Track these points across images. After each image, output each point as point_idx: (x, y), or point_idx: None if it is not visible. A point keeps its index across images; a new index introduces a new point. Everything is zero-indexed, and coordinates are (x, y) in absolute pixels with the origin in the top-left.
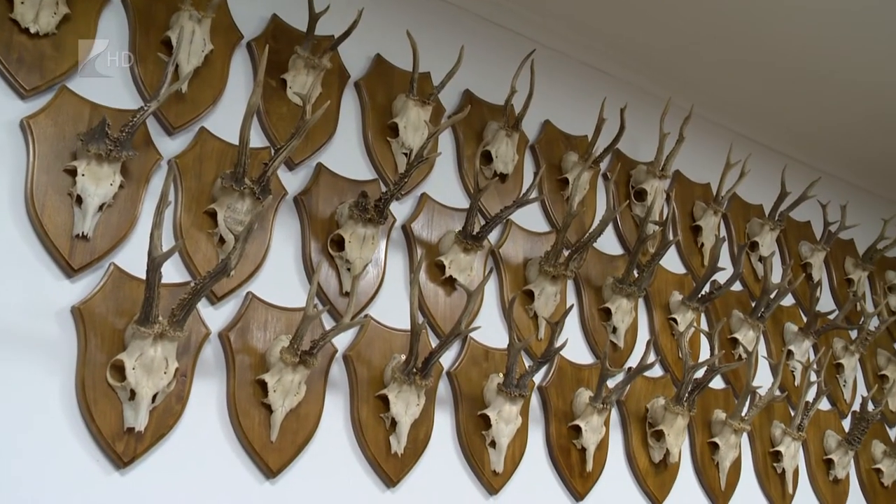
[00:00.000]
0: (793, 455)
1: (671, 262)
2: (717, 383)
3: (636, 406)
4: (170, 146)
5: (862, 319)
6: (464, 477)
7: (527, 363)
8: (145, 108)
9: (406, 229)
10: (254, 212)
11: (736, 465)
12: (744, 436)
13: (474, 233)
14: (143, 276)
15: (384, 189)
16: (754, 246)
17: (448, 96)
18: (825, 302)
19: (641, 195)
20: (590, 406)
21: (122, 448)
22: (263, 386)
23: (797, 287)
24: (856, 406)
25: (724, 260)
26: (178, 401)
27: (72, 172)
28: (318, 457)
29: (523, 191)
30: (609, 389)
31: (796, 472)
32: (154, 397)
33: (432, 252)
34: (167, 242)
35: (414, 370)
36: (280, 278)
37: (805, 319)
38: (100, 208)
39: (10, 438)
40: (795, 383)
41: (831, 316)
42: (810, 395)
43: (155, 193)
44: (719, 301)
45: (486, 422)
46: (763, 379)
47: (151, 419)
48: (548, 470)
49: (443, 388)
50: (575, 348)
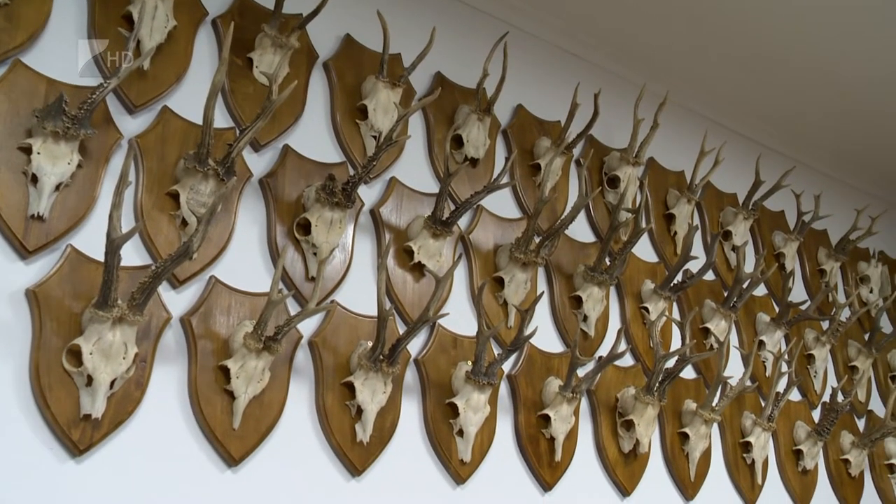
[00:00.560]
0: (763, 446)
1: (643, 251)
2: (688, 373)
3: (606, 395)
4: (131, 125)
5: (834, 310)
6: (430, 466)
7: (496, 351)
8: (105, 85)
9: (374, 214)
10: (218, 193)
11: (706, 456)
12: (714, 426)
13: (444, 218)
14: (102, 259)
15: (352, 172)
16: (727, 235)
17: (419, 78)
18: (797, 292)
19: (614, 182)
20: (559, 395)
21: (78, 435)
22: (226, 372)
23: (770, 277)
24: (826, 397)
25: (697, 249)
26: (138, 387)
27: (27, 150)
28: (282, 445)
29: (494, 176)
30: (579, 378)
31: (766, 463)
32: (112, 383)
33: (401, 237)
34: (127, 224)
35: (381, 357)
36: (244, 262)
37: (777, 310)
38: (56, 188)
39: None
40: (766, 374)
41: (803, 306)
42: (781, 386)
43: (115, 173)
44: (691, 290)
45: (454, 410)
46: (734, 369)
47: (109, 406)
48: (516, 460)
49: (410, 376)
50: (545, 336)
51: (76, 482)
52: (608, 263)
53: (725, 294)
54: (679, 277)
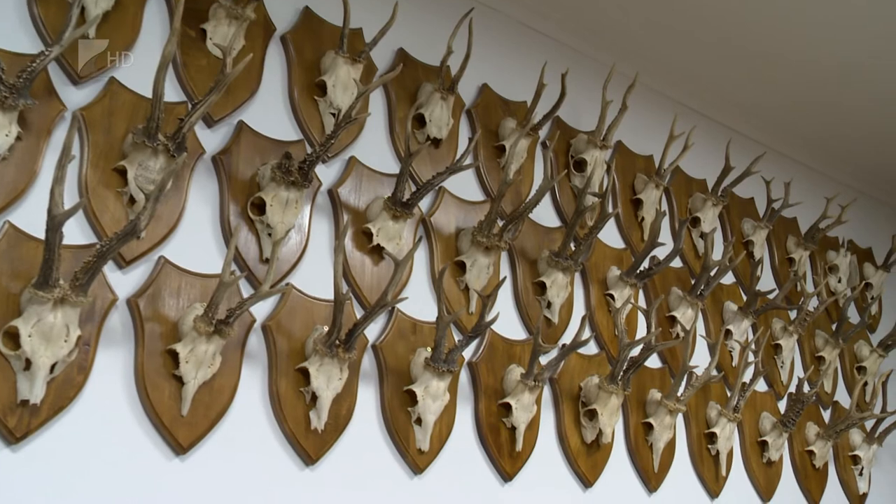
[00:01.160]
0: (728, 437)
1: (610, 236)
2: (654, 362)
3: (569, 384)
4: (75, 96)
5: (802, 300)
6: (387, 455)
7: (456, 337)
8: (46, 53)
9: (332, 194)
10: (167, 170)
11: (670, 447)
12: (679, 416)
13: (404, 199)
14: (42, 237)
15: (310, 150)
16: (696, 221)
17: (380, 55)
18: (766, 281)
19: (581, 165)
20: (521, 383)
21: (15, 422)
22: (175, 357)
23: (738, 265)
24: (792, 388)
25: (665, 235)
26: (80, 371)
27: None
28: (233, 432)
29: (457, 157)
30: (541, 366)
31: (730, 454)
32: (52, 367)
33: (359, 219)
34: (70, 200)
35: (337, 342)
36: (195, 242)
37: (745, 298)
38: None
39: None
40: (733, 363)
41: (771, 295)
42: (747, 376)
43: (57, 147)
44: (658, 277)
45: (413, 398)
46: (700, 358)
47: (49, 391)
48: (476, 449)
49: (367, 362)
50: (507, 323)
51: (12, 472)
52: (573, 249)
53: (693, 282)
54: (646, 264)
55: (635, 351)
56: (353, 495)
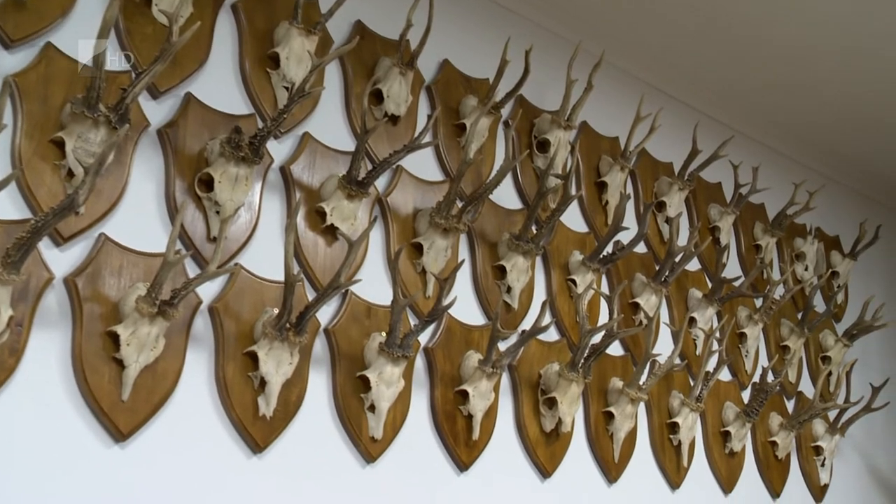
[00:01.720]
0: (690, 427)
1: (573, 220)
2: (616, 350)
3: (528, 371)
4: (7, 62)
5: (768, 288)
6: (339, 443)
7: (412, 322)
8: None
9: (284, 171)
10: (108, 142)
11: (631, 437)
12: (641, 406)
13: (360, 178)
14: None
15: (261, 125)
16: (661, 206)
17: (337, 27)
18: (732, 268)
19: (544, 146)
20: (479, 370)
21: None
22: (115, 339)
23: (704, 251)
24: (757, 377)
25: (629, 219)
26: (12, 354)
27: None
28: (177, 419)
29: (416, 134)
30: (500, 353)
31: (692, 445)
32: None
33: (313, 197)
34: (2, 172)
35: (287, 326)
36: (138, 219)
37: (710, 285)
38: None
39: None
40: (697, 352)
41: (737, 283)
42: (711, 365)
43: None
44: (622, 263)
45: (366, 384)
46: (663, 347)
47: None
48: (431, 437)
49: (319, 347)
50: (465, 307)
51: None
52: (535, 232)
53: (657, 268)
54: (609, 249)
55: (597, 338)
56: (303, 484)
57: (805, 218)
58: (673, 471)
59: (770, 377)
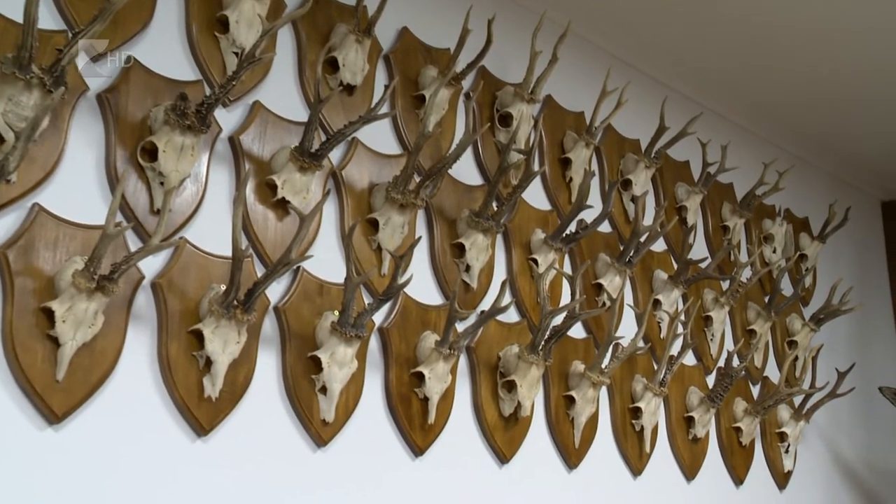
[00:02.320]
0: (653, 412)
1: (535, 197)
2: (577, 332)
3: (487, 353)
4: None
5: (735, 270)
6: (289, 426)
7: (366, 300)
8: None
9: (233, 141)
10: (42, 106)
11: (592, 421)
12: (602, 390)
13: (313, 150)
14: None
15: (208, 92)
16: (627, 184)
17: None
18: (698, 249)
19: (506, 120)
20: (435, 351)
21: None
22: (50, 315)
23: (670, 231)
24: (722, 362)
25: (594, 197)
26: None
27: None
28: (116, 400)
29: (372, 105)
30: (458, 334)
31: (655, 430)
32: None
33: (263, 169)
34: None
35: (235, 303)
36: (76, 189)
37: (676, 267)
38: None
39: None
40: (661, 335)
41: (703, 264)
42: (675, 349)
43: None
44: (585, 242)
45: (317, 365)
46: (627, 329)
47: None
48: (385, 421)
49: (268, 326)
50: (422, 286)
51: None
52: (495, 209)
53: (621, 248)
54: (572, 228)
55: (558, 319)
56: (250, 469)
57: (774, 199)
58: (635, 457)
59: (735, 362)
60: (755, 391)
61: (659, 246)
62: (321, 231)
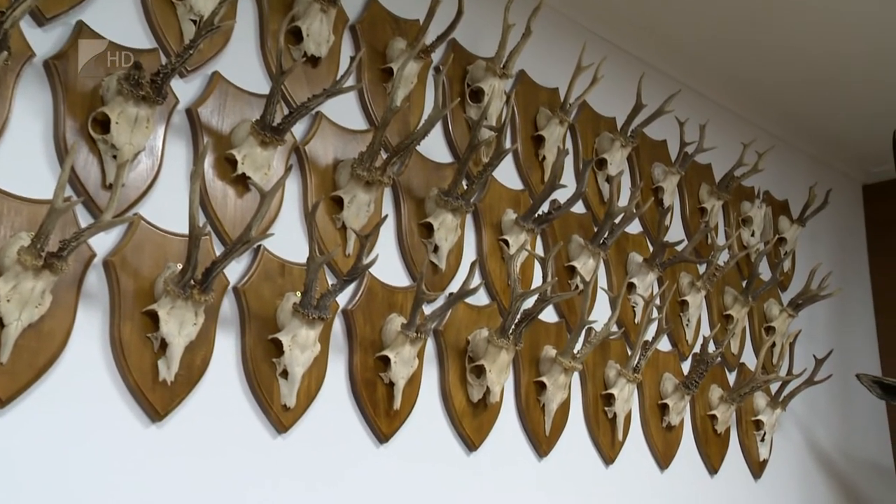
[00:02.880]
0: (626, 399)
1: (506, 176)
2: (549, 315)
3: (455, 337)
4: None
5: (712, 253)
6: (248, 411)
7: (330, 281)
8: None
9: (191, 113)
10: None
11: (564, 408)
12: (574, 376)
13: (275, 124)
14: None
15: (164, 61)
16: (602, 163)
17: None
18: (675, 231)
19: (478, 95)
20: (402, 335)
21: None
22: None
23: (645, 213)
24: (698, 347)
25: (568, 177)
26: None
27: None
28: (65, 383)
29: (338, 78)
30: (425, 316)
31: (628, 418)
32: None
33: (223, 144)
34: None
35: (192, 283)
36: (22, 161)
37: (651, 249)
38: None
39: None
40: (635, 320)
41: (680, 247)
42: (650, 334)
43: None
44: (558, 223)
45: (278, 348)
46: (600, 313)
47: None
48: (349, 406)
49: (227, 306)
50: (388, 267)
51: None
52: (465, 188)
53: (595, 229)
54: (545, 208)
55: (529, 303)
56: (208, 456)
57: (753, 180)
58: (607, 445)
59: (711, 347)
60: (731, 378)
61: (634, 228)
62: (283, 208)
